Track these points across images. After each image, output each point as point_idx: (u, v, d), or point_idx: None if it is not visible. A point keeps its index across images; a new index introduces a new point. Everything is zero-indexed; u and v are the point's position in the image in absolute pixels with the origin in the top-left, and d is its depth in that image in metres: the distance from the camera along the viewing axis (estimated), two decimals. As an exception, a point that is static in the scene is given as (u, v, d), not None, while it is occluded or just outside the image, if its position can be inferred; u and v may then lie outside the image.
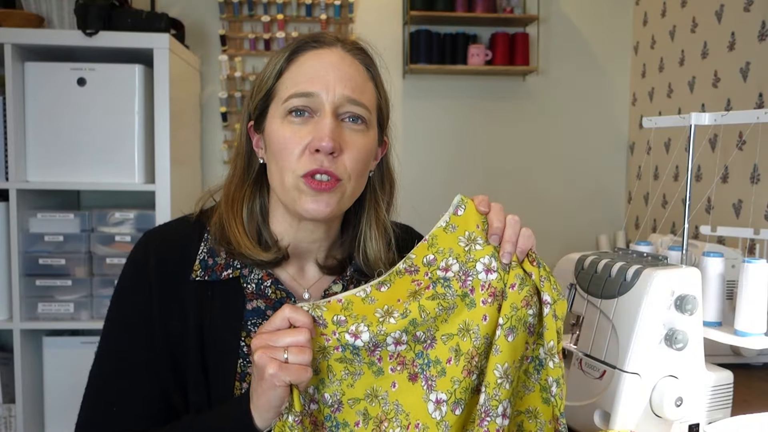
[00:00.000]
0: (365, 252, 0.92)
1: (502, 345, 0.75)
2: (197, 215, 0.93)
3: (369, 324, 0.75)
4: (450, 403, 0.76)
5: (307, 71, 0.84)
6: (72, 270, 1.96)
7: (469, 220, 0.79)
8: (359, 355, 0.76)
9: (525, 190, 2.81)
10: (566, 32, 2.79)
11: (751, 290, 1.13)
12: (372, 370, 0.77)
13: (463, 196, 0.80)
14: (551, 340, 0.77)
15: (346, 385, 0.77)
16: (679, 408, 0.95)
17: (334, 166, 0.82)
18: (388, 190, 0.96)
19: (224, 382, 0.84)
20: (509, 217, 0.79)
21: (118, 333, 0.87)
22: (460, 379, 0.76)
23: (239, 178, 0.91)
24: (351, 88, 0.84)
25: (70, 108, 1.92)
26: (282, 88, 0.86)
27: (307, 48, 0.86)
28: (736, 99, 2.08)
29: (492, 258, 0.77)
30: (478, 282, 0.77)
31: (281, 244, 0.90)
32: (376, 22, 2.67)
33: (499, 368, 0.75)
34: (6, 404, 2.00)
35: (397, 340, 0.76)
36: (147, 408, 0.84)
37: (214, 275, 0.87)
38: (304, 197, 0.83)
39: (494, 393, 0.74)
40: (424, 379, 0.77)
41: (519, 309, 0.76)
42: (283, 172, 0.84)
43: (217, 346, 0.85)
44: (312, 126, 0.83)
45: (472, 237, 0.78)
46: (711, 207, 2.13)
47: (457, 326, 0.77)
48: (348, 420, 0.77)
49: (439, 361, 0.77)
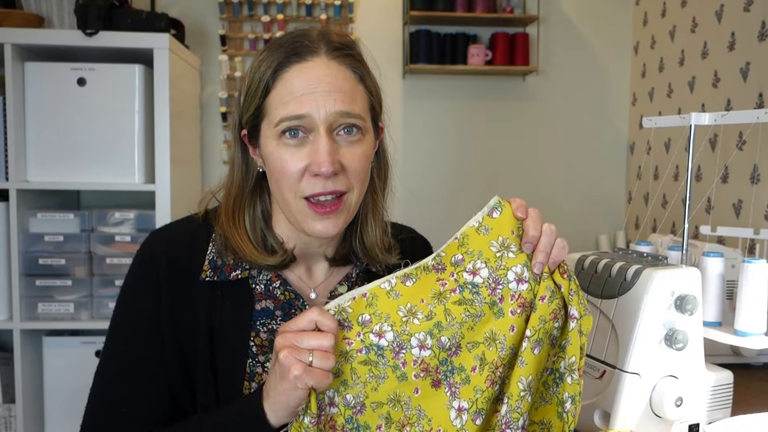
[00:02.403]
0: (362, 238, 0.93)
1: (528, 358, 0.74)
2: (203, 215, 0.93)
3: (393, 324, 0.75)
4: (471, 412, 0.75)
5: (295, 91, 0.82)
6: (72, 270, 1.96)
7: (504, 225, 0.77)
8: (384, 356, 0.75)
9: (525, 189, 2.80)
10: (566, 32, 2.79)
11: (751, 290, 1.13)
12: (396, 375, 0.75)
13: (500, 198, 0.78)
14: (573, 355, 0.75)
15: (370, 388, 0.75)
16: (679, 408, 0.95)
17: (336, 184, 0.82)
18: (384, 175, 0.96)
19: (233, 382, 0.84)
20: (546, 225, 0.77)
21: (126, 333, 0.87)
22: (483, 388, 0.75)
23: (238, 188, 0.90)
24: (341, 101, 0.82)
25: (70, 108, 1.92)
26: (271, 109, 0.84)
27: (290, 63, 0.83)
28: (736, 99, 2.08)
29: (524, 267, 0.75)
30: (509, 291, 0.76)
31: (287, 246, 0.90)
32: (376, 22, 2.67)
33: (523, 381, 0.74)
34: (6, 404, 2.00)
35: (421, 343, 0.75)
36: (154, 409, 0.84)
37: (223, 275, 0.87)
38: (309, 220, 0.84)
39: (516, 405, 0.74)
40: (448, 386, 0.76)
41: (547, 322, 0.74)
42: (284, 192, 0.84)
43: (227, 346, 0.85)
44: (309, 148, 0.82)
45: (505, 243, 0.76)
46: (711, 207, 2.13)
47: (484, 335, 0.76)
48: (370, 423, 0.76)
49: (464, 368, 0.76)
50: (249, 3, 2.54)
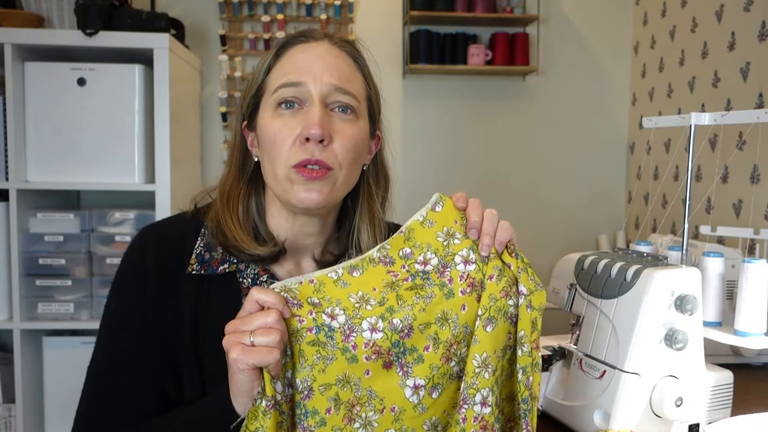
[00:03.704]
0: (359, 246, 0.93)
1: (481, 335, 0.77)
2: (193, 211, 0.94)
3: (345, 308, 0.75)
4: (428, 387, 0.77)
5: (295, 63, 0.86)
6: (72, 270, 1.95)
7: (447, 216, 0.81)
8: (333, 338, 0.75)
9: (525, 190, 2.81)
10: (566, 32, 2.79)
11: (751, 290, 1.13)
12: (345, 357, 0.75)
13: (441, 194, 0.82)
14: (522, 329, 0.78)
15: (317, 370, 0.75)
16: (679, 408, 0.95)
17: (324, 155, 0.83)
18: (383, 184, 0.97)
19: (218, 375, 0.83)
20: (487, 210, 0.81)
21: (114, 328, 0.87)
22: (438, 365, 0.77)
23: (234, 177, 0.92)
24: (338, 77, 0.85)
25: (70, 108, 1.92)
26: (271, 82, 0.87)
27: (294, 42, 0.88)
28: (736, 99, 2.08)
29: (470, 250, 0.79)
30: (457, 273, 0.79)
31: (278, 239, 0.90)
32: (376, 22, 2.67)
33: (477, 357, 0.76)
34: (6, 404, 2.00)
35: (372, 327, 0.75)
36: (144, 403, 0.84)
37: (210, 269, 0.87)
38: (296, 187, 0.84)
39: (472, 381, 0.76)
40: (399, 366, 0.77)
41: (498, 300, 0.77)
42: (275, 164, 0.85)
43: (213, 341, 0.85)
44: (301, 116, 0.84)
45: (450, 232, 0.80)
46: (711, 207, 2.13)
47: (435, 316, 0.78)
48: (318, 408, 0.75)
49: (416, 348, 0.77)
50: (249, 3, 2.55)
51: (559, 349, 1.13)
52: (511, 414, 0.82)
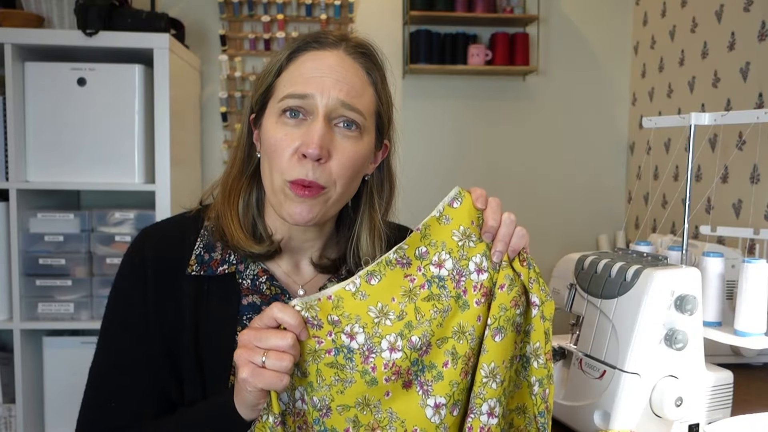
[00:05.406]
0: (357, 254, 0.92)
1: (489, 345, 0.75)
2: (195, 211, 0.94)
3: (364, 325, 0.74)
4: (449, 405, 0.75)
5: (305, 72, 0.84)
6: (72, 270, 1.95)
7: (465, 215, 0.78)
8: (353, 360, 0.73)
9: (525, 189, 2.81)
10: (566, 32, 2.79)
11: (751, 290, 1.13)
12: (365, 380, 0.73)
13: (461, 189, 0.79)
14: (537, 341, 0.77)
15: (335, 391, 0.74)
16: (679, 408, 0.95)
17: (317, 174, 0.82)
18: (387, 193, 0.95)
19: (219, 376, 0.84)
20: (505, 215, 0.78)
21: (115, 329, 0.88)
22: (458, 381, 0.75)
23: (238, 169, 0.91)
24: (346, 92, 0.83)
25: (70, 108, 1.92)
26: (280, 86, 0.86)
27: (308, 48, 0.86)
28: (736, 99, 2.08)
29: (483, 257, 0.77)
30: (471, 282, 0.77)
31: (275, 237, 0.90)
32: (376, 22, 2.67)
33: (485, 367, 0.75)
34: (6, 404, 2.00)
35: (392, 346, 0.74)
36: (145, 403, 0.85)
37: (210, 270, 0.87)
38: (288, 202, 0.83)
39: (479, 391, 0.75)
40: (419, 385, 0.76)
41: (508, 309, 0.75)
42: (272, 172, 0.84)
43: (213, 341, 0.85)
44: (304, 129, 0.83)
45: (466, 233, 0.77)
46: (711, 207, 2.13)
47: (452, 329, 0.76)
48: (337, 427, 0.75)
49: (434, 365, 0.76)
50: (249, 3, 2.54)
51: (559, 349, 1.13)
52: (521, 426, 0.81)
